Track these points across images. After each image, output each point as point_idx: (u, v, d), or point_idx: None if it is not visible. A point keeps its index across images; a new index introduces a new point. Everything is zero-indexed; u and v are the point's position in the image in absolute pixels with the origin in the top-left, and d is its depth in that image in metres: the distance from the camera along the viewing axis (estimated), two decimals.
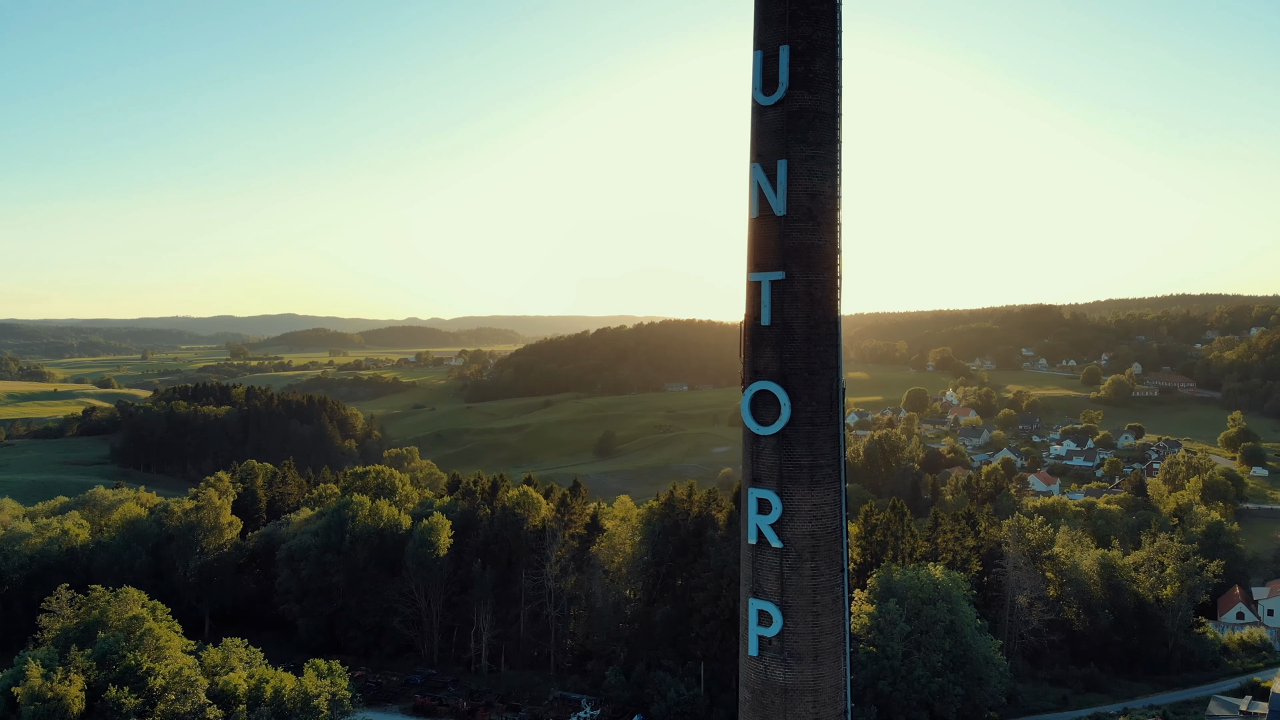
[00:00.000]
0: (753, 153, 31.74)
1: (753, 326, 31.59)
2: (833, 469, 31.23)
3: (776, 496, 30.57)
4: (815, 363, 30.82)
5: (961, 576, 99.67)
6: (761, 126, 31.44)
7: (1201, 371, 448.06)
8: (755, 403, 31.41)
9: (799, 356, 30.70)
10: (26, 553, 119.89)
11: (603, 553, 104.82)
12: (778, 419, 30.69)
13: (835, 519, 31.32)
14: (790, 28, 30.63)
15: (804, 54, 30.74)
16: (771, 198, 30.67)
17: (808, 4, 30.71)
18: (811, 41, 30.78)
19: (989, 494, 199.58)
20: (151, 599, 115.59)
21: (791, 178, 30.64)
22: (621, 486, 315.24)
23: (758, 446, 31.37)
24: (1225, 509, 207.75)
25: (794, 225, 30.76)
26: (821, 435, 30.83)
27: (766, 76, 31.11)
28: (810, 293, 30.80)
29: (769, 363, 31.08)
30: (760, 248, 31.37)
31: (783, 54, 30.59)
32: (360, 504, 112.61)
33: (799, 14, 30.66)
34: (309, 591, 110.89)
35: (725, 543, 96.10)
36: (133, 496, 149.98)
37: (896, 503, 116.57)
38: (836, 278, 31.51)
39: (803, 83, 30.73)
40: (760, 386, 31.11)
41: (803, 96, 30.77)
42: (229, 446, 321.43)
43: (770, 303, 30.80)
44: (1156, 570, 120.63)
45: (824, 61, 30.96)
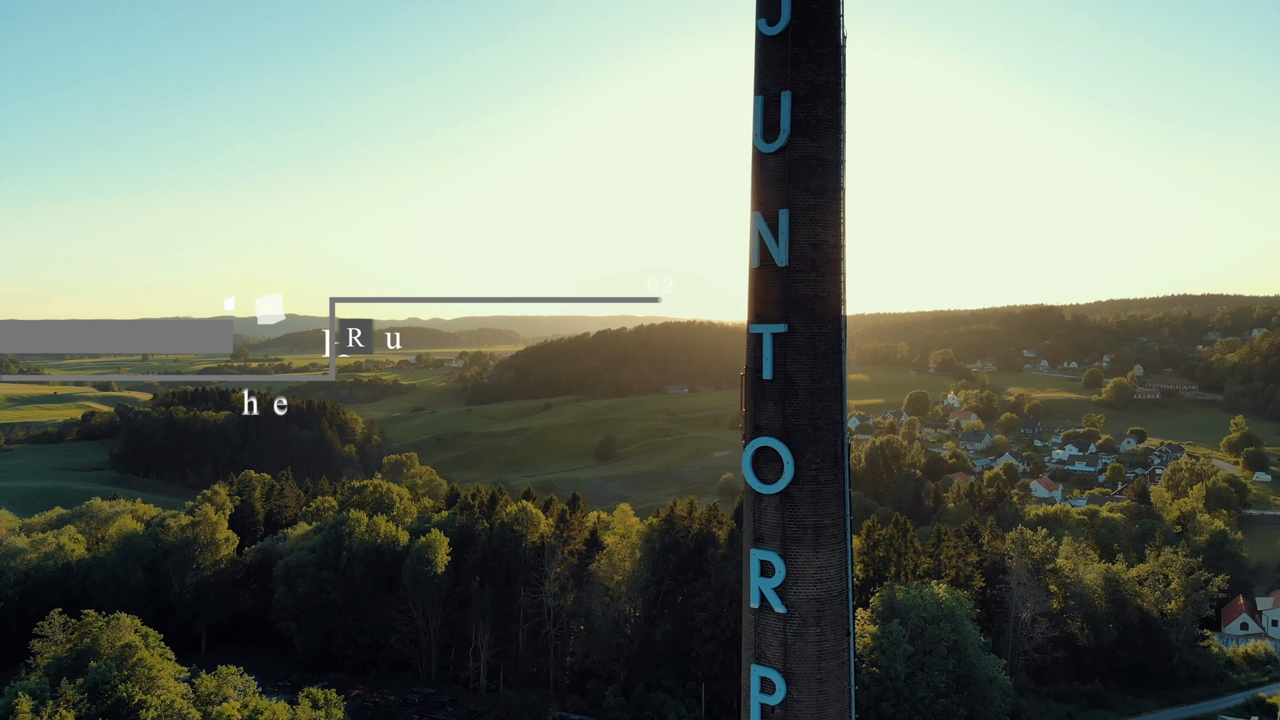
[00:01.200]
0: (754, 201, 30.73)
1: (754, 380, 30.55)
2: (838, 529, 30.22)
3: (780, 559, 29.55)
4: (819, 418, 29.80)
5: (965, 595, 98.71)
6: (762, 174, 30.42)
7: (1203, 374, 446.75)
8: (757, 459, 30.38)
9: (802, 412, 29.68)
10: (22, 569, 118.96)
11: (602, 570, 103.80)
12: (781, 478, 29.66)
13: (841, 581, 30.32)
14: (792, 72, 29.62)
15: (806, 99, 29.71)
16: (773, 248, 29.65)
17: (810, 48, 29.68)
18: (814, 86, 29.75)
19: (991, 502, 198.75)
20: (147, 617, 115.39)
21: (794, 227, 29.63)
22: (622, 492, 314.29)
23: (760, 505, 30.34)
24: (1228, 517, 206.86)
25: (796, 276, 29.74)
26: (826, 494, 29.81)
27: (767, 123, 30.09)
28: (814, 346, 29.77)
29: (771, 418, 30.06)
30: (761, 299, 30.35)
31: (784, 100, 29.56)
32: (357, 520, 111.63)
33: (801, 58, 29.63)
34: (306, 609, 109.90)
35: (726, 561, 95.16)
36: (129, 509, 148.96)
37: (900, 518, 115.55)
38: (841, 330, 30.46)
39: (805, 129, 29.70)
40: (762, 443, 30.07)
41: (805, 144, 29.74)
42: (228, 452, 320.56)
43: (772, 356, 29.78)
44: (1161, 584, 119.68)
45: (827, 107, 29.93)
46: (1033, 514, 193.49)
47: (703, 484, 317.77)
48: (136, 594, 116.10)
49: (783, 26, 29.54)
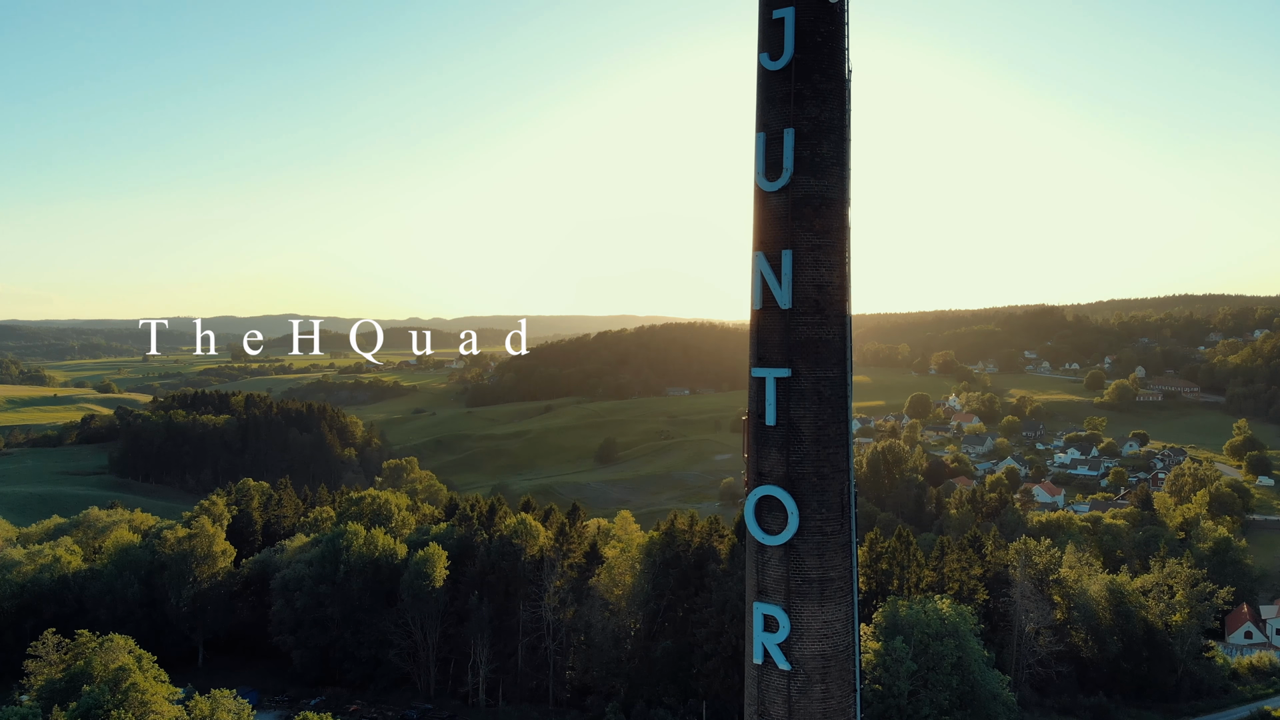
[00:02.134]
0: (755, 240, 29.73)
1: (756, 425, 29.55)
2: (844, 581, 29.21)
3: (784, 613, 28.53)
4: (825, 466, 28.81)
5: (969, 610, 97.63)
6: (765, 213, 29.42)
7: (1205, 375, 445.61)
8: (760, 508, 29.36)
9: (807, 460, 28.68)
10: (18, 581, 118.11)
11: (602, 584, 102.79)
12: (785, 528, 28.66)
13: (847, 635, 29.32)
14: (795, 109, 28.62)
15: (810, 137, 28.71)
16: (776, 290, 28.64)
17: (814, 83, 28.68)
18: (818, 123, 28.76)
19: (994, 508, 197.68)
20: (143, 630, 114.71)
21: (797, 269, 28.64)
22: (623, 496, 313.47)
23: (763, 557, 29.32)
24: (1232, 523, 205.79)
25: (800, 319, 28.73)
26: (832, 545, 28.81)
27: (770, 161, 29.09)
28: (819, 391, 28.77)
29: (775, 465, 29.06)
30: (764, 341, 29.34)
31: (787, 137, 28.57)
32: (355, 533, 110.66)
33: (805, 94, 28.63)
34: (303, 623, 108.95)
35: (727, 577, 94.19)
36: (126, 519, 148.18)
37: (903, 531, 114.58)
38: (846, 374, 29.45)
39: (809, 167, 28.70)
40: (765, 491, 29.06)
41: (808, 182, 28.74)
42: (228, 456, 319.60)
43: (775, 401, 28.77)
44: (1166, 596, 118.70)
45: (831, 144, 28.94)
46: (1035, 520, 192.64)
47: (704, 487, 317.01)
48: (133, 607, 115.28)
49: (785, 61, 28.57)
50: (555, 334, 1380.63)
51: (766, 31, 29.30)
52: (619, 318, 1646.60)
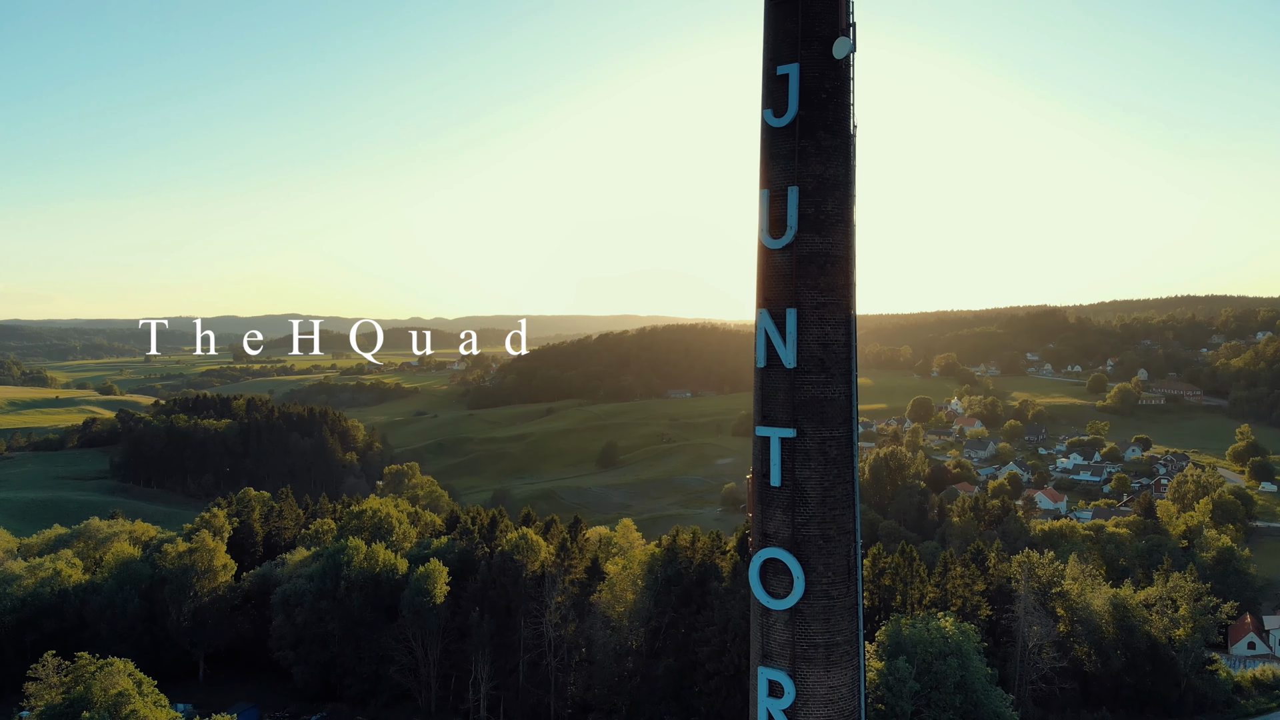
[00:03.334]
0: (759, 296, 29.35)
1: (761, 485, 29.18)
2: (850, 645, 28.84)
3: (789, 679, 28.15)
4: (831, 529, 28.42)
5: (971, 629, 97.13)
6: (769, 270, 29.05)
7: (1208, 379, 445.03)
8: (765, 571, 28.96)
9: (813, 522, 28.31)
10: (18, 595, 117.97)
11: (603, 601, 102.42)
12: (790, 593, 28.27)
13: (853, 700, 28.95)
14: (799, 166, 28.23)
15: (814, 194, 28.32)
16: (781, 348, 28.26)
17: (819, 140, 28.29)
18: (822, 180, 28.37)
19: (996, 516, 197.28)
20: (144, 645, 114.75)
21: (802, 327, 28.24)
22: (624, 500, 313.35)
23: (768, 621, 28.93)
24: (1235, 532, 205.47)
25: (805, 378, 28.35)
26: (839, 609, 28.43)
27: (773, 218, 28.72)
28: (824, 451, 28.38)
29: (780, 527, 28.67)
30: (768, 400, 28.96)
31: (791, 195, 28.18)
32: (355, 549, 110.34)
33: (809, 151, 28.24)
34: (304, 638, 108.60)
35: (729, 595, 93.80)
36: (126, 529, 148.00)
37: (906, 547, 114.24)
38: (853, 433, 29.08)
39: (813, 225, 28.32)
40: (770, 554, 28.67)
41: (813, 240, 28.36)
42: (229, 461, 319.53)
43: (780, 462, 28.39)
44: (1169, 610, 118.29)
45: (836, 201, 28.55)
46: (1038, 529, 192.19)
47: (705, 492, 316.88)
48: (134, 621, 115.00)
49: (790, 119, 28.17)
50: (556, 334, 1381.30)
51: (770, 87, 28.92)
52: (620, 317, 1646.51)
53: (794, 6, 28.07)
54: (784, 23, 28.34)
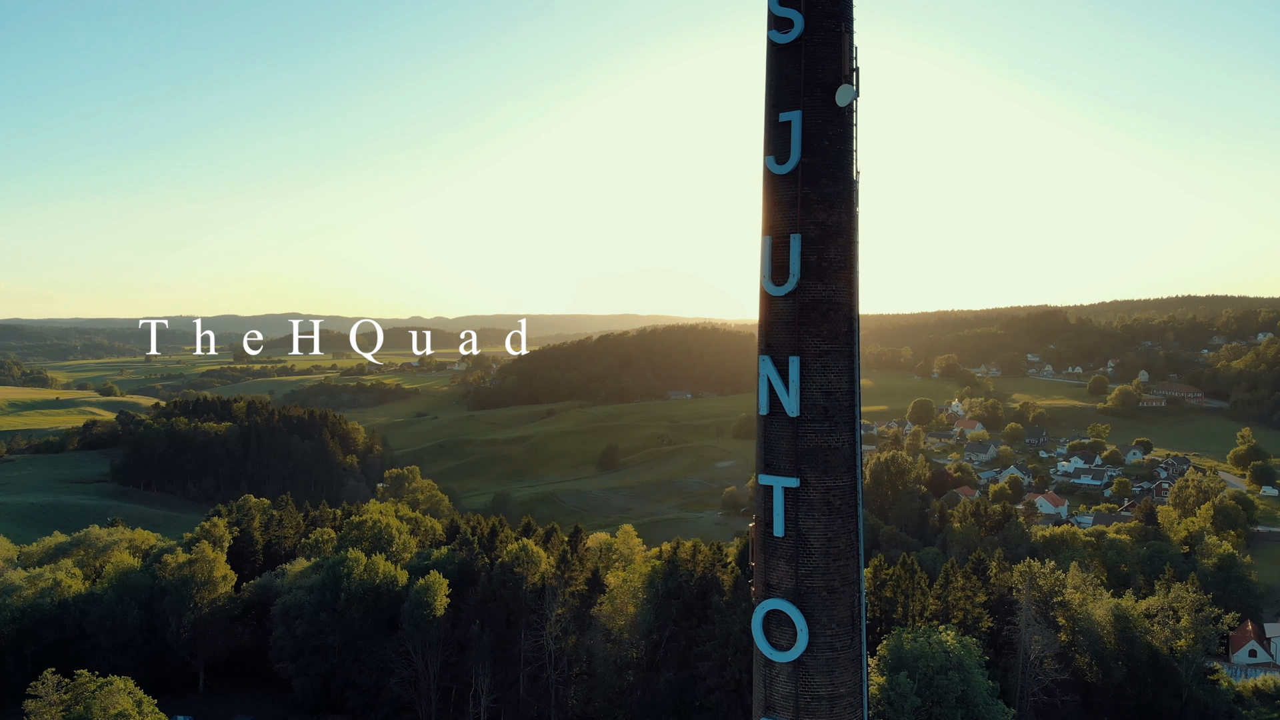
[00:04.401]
0: (761, 343, 29.13)
1: (764, 535, 28.94)
2: (854, 696, 28.62)
3: None
4: (835, 580, 28.18)
5: (973, 642, 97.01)
6: (771, 317, 28.80)
7: (1209, 381, 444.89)
8: (768, 623, 28.71)
9: (817, 573, 28.07)
10: (18, 606, 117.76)
11: (604, 614, 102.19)
12: (794, 645, 28.03)
13: None
14: (802, 213, 27.99)
15: (817, 241, 28.08)
16: (784, 397, 28.02)
17: (822, 187, 28.05)
18: (825, 228, 28.13)
19: (998, 522, 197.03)
20: (144, 656, 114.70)
21: (805, 375, 28.01)
22: (625, 504, 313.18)
23: (771, 672, 28.69)
24: (1236, 538, 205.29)
25: (808, 427, 28.11)
26: (842, 661, 28.20)
27: (775, 265, 28.47)
28: (828, 501, 28.15)
29: (783, 578, 28.42)
30: (771, 448, 28.72)
31: (793, 243, 27.94)
32: (355, 560, 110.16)
33: (812, 198, 28.00)
34: (304, 650, 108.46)
35: (730, 609, 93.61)
36: (126, 538, 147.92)
37: (907, 558, 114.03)
38: (857, 481, 28.85)
39: (815, 273, 28.08)
40: (773, 605, 28.42)
41: (816, 287, 28.12)
42: (229, 464, 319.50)
43: (783, 512, 28.16)
44: (1171, 621, 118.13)
45: (839, 248, 28.30)
46: (1039, 535, 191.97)
47: (705, 495, 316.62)
48: (133, 633, 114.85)
49: (792, 165, 27.92)
50: (557, 333, 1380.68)
51: (772, 134, 28.67)
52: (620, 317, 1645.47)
53: (797, 53, 27.83)
54: (786, 69, 28.11)
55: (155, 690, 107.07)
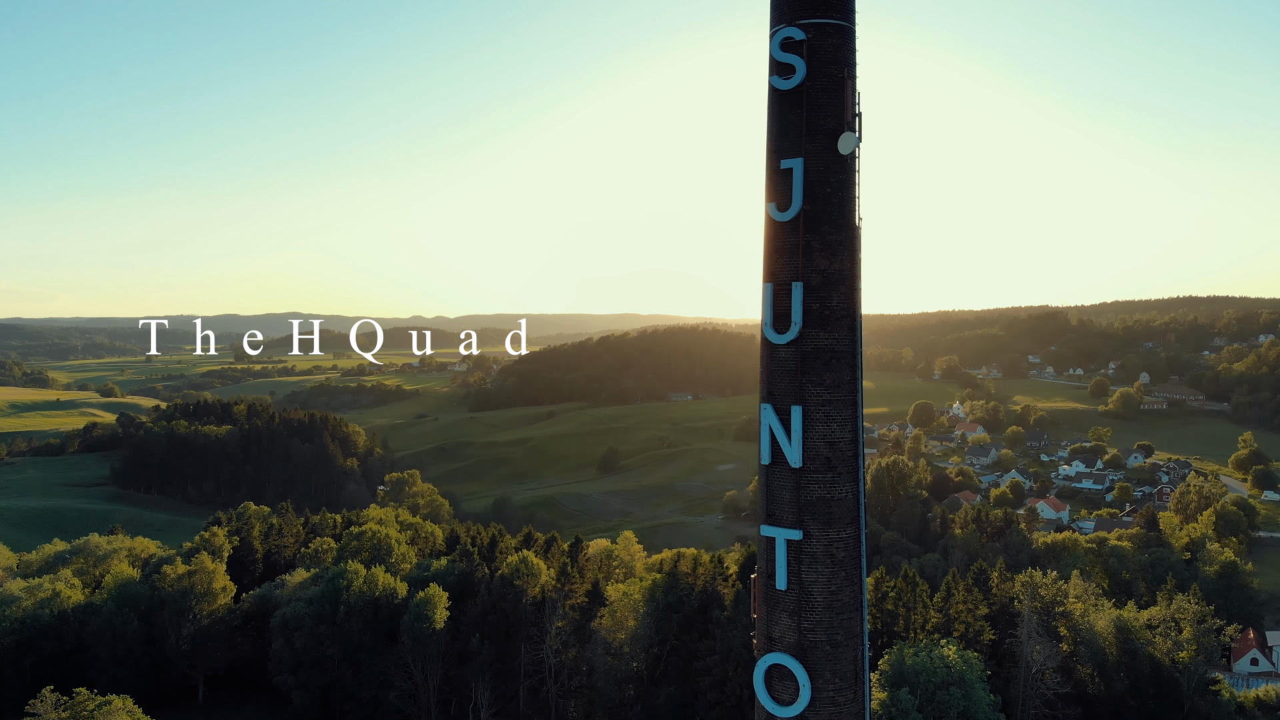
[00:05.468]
0: (763, 390, 28.77)
1: (766, 587, 28.58)
2: None
3: None
4: (838, 634, 27.83)
5: (975, 657, 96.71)
6: (773, 365, 28.44)
7: (1210, 383, 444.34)
8: (770, 677, 28.37)
9: (819, 627, 27.71)
10: (17, 616, 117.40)
11: (605, 627, 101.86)
12: (796, 700, 27.69)
13: None
14: (804, 260, 27.63)
15: (819, 289, 27.72)
16: (786, 447, 27.66)
17: (824, 234, 27.68)
18: (828, 275, 27.78)
19: (999, 528, 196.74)
20: (143, 667, 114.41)
21: (807, 425, 27.65)
22: (625, 508, 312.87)
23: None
24: (1238, 545, 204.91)
25: (811, 478, 27.76)
26: (845, 715, 27.84)
27: (777, 312, 28.11)
28: (831, 553, 27.80)
29: (785, 632, 28.07)
30: (774, 499, 28.38)
31: (795, 291, 27.58)
32: (355, 573, 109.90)
33: (814, 246, 27.63)
34: (303, 663, 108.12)
35: (731, 625, 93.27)
36: (126, 546, 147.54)
37: (909, 571, 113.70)
38: (860, 533, 28.50)
39: (818, 321, 27.72)
40: (775, 660, 28.07)
41: (818, 335, 27.75)
42: (230, 467, 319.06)
43: (786, 564, 27.81)
44: (1173, 632, 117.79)
45: (841, 296, 27.93)
46: (1040, 541, 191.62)
47: (706, 499, 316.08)
48: (133, 645, 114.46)
49: (794, 213, 27.57)
50: (557, 333, 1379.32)
51: (774, 181, 28.31)
52: (620, 316, 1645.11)
53: (798, 99, 27.45)
54: (788, 115, 27.73)
55: (154, 702, 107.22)
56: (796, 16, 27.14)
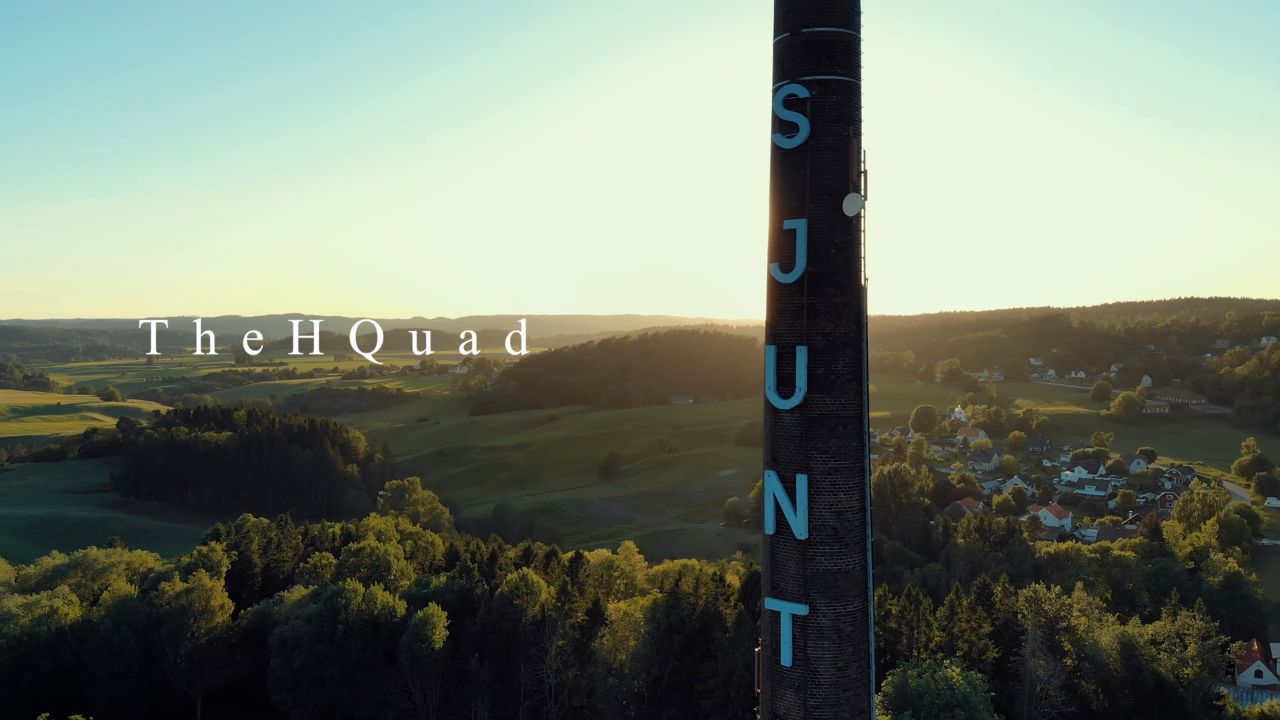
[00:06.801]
0: (767, 457, 27.89)
1: (771, 662, 27.70)
2: None
3: None
4: (845, 711, 26.98)
5: (979, 678, 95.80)
6: (777, 430, 27.57)
7: (1212, 387, 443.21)
8: None
9: (826, 705, 26.84)
10: (15, 634, 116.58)
11: (605, 647, 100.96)
12: None
13: None
14: (808, 323, 26.76)
15: (824, 353, 26.85)
16: (791, 517, 26.78)
17: (829, 297, 26.82)
18: (833, 339, 26.90)
19: (1002, 537, 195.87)
20: (141, 686, 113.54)
21: (813, 494, 26.77)
22: (626, 514, 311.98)
23: None
24: (1241, 555, 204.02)
25: (817, 550, 26.89)
26: None
27: (781, 376, 27.24)
28: (838, 628, 26.92)
29: (790, 709, 27.20)
30: (779, 570, 27.50)
31: (800, 355, 26.70)
32: (354, 591, 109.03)
33: (818, 309, 26.77)
34: (301, 682, 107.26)
35: (733, 647, 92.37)
36: (124, 560, 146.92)
37: (912, 590, 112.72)
38: (868, 606, 27.61)
39: (823, 386, 26.83)
40: None
41: (824, 401, 26.88)
42: (230, 474, 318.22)
43: (791, 639, 26.93)
44: (1178, 649, 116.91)
45: (848, 360, 27.06)
46: (1043, 551, 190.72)
47: (707, 505, 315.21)
48: (131, 663, 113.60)
49: (798, 275, 26.70)
50: (558, 334, 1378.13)
51: (777, 241, 27.46)
52: (620, 317, 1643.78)
53: (802, 158, 26.58)
54: (791, 174, 26.86)
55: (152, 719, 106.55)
56: (800, 73, 26.25)
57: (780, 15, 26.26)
